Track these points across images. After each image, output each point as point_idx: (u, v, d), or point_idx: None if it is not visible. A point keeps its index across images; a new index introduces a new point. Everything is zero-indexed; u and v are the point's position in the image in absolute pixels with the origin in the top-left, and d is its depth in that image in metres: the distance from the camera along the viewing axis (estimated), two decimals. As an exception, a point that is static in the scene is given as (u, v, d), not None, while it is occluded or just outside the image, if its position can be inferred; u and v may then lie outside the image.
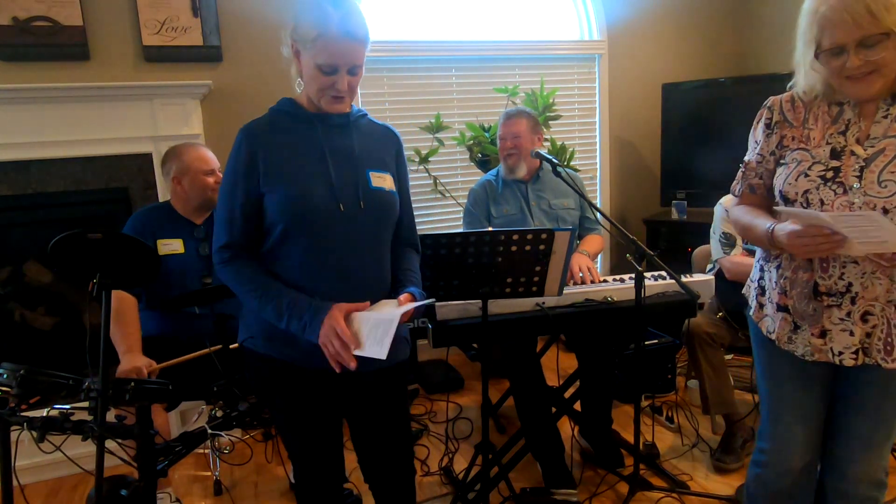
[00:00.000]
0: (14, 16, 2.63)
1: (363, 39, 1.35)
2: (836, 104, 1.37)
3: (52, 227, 2.72)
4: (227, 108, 3.07)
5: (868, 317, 1.33)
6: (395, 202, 1.50)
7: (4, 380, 1.59)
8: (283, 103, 1.48)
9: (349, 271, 1.41)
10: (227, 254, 1.42)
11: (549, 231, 1.84)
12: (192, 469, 2.67)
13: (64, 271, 1.56)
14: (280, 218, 1.38)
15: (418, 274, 1.57)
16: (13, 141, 2.62)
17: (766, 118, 1.46)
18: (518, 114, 2.54)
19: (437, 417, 3.02)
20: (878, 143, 1.30)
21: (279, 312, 1.36)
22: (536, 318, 2.01)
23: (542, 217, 2.56)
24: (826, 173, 1.33)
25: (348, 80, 1.37)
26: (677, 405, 2.95)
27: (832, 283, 1.34)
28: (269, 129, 1.43)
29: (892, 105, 1.31)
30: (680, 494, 2.27)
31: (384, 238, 1.49)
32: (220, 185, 2.27)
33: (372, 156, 1.49)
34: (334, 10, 1.31)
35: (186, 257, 2.28)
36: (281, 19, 3.12)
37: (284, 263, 1.41)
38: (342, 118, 1.47)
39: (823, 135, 1.36)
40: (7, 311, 2.86)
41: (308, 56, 1.35)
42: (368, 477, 1.63)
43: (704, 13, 4.08)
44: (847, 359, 1.36)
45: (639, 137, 4.08)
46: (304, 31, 1.34)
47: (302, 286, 1.40)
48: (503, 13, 3.72)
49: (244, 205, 1.40)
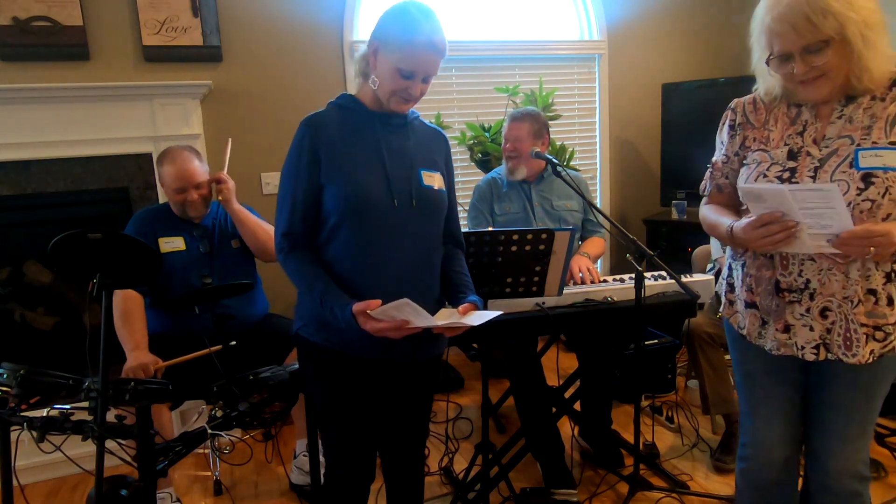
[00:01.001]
0: (14, 16, 2.63)
1: (442, 54, 1.45)
2: (794, 106, 1.41)
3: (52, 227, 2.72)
4: (227, 108, 3.07)
5: (827, 312, 1.37)
6: (444, 200, 1.56)
7: (4, 380, 1.59)
8: (344, 98, 1.53)
9: (398, 265, 1.46)
10: (286, 244, 1.48)
11: (549, 231, 1.84)
12: (192, 469, 2.67)
13: (64, 271, 1.56)
14: (335, 210, 1.44)
15: (469, 276, 1.62)
16: (13, 141, 2.62)
17: (731, 119, 1.51)
18: (522, 117, 2.52)
19: (437, 417, 3.02)
20: (833, 144, 1.34)
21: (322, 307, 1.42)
22: (536, 318, 2.01)
23: (544, 217, 2.56)
24: (783, 174, 1.37)
25: (421, 87, 1.45)
26: (677, 405, 2.95)
27: (792, 280, 1.39)
28: (330, 122, 1.48)
29: (846, 106, 1.34)
30: (680, 494, 2.27)
31: (433, 235, 1.55)
32: (194, 202, 2.29)
33: (424, 156, 1.55)
34: (425, 21, 1.40)
35: (188, 254, 2.30)
36: (281, 19, 3.13)
37: (336, 255, 1.46)
38: (400, 118, 1.53)
39: (782, 136, 1.41)
40: (7, 311, 2.86)
41: (389, 58, 1.41)
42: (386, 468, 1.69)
43: (705, 13, 4.08)
44: (808, 353, 1.40)
45: (639, 137, 4.08)
46: (392, 34, 1.41)
47: (351, 278, 1.45)
48: (503, 13, 3.73)
49: (305, 194, 1.46)
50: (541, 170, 2.59)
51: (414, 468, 1.71)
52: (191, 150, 2.34)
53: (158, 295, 2.29)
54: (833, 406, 1.46)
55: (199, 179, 2.30)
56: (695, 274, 2.49)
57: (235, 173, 3.04)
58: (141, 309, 2.19)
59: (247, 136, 3.10)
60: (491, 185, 2.62)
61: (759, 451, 1.58)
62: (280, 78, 3.12)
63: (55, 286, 2.92)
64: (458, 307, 1.46)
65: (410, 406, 1.65)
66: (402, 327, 1.35)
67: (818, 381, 1.49)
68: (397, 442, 1.66)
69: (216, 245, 2.36)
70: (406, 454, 1.69)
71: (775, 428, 1.54)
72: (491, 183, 2.62)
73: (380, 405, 1.60)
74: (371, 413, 1.57)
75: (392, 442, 1.66)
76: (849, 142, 1.32)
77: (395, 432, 1.65)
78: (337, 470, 1.59)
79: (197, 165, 2.31)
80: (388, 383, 1.58)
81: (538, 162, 2.56)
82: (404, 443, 1.67)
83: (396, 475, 1.69)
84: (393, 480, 1.70)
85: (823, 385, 1.48)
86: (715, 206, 1.56)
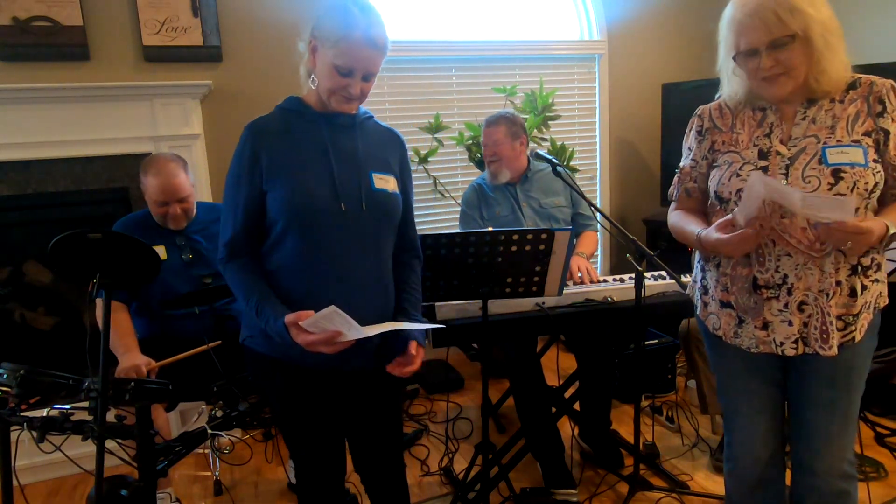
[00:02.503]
0: (14, 16, 2.63)
1: (383, 49, 1.38)
2: (759, 109, 1.47)
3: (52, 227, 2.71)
4: (227, 108, 3.07)
5: (804, 306, 1.40)
6: (397, 204, 1.50)
7: (4, 380, 1.59)
8: (290, 101, 1.49)
9: (347, 272, 1.41)
10: (226, 252, 1.44)
11: (549, 231, 1.85)
12: (192, 469, 2.67)
13: (64, 271, 1.56)
14: (280, 216, 1.39)
15: (419, 290, 1.58)
16: (13, 141, 2.62)
17: (697, 125, 1.58)
18: (497, 120, 2.54)
19: (437, 417, 3.02)
20: (800, 143, 1.40)
21: (258, 317, 1.38)
22: (536, 318, 2.01)
23: (534, 217, 2.56)
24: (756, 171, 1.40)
25: (361, 85, 1.39)
26: (677, 405, 2.95)
27: (769, 276, 1.41)
28: (274, 126, 1.44)
29: (808, 108, 1.41)
30: (680, 494, 2.27)
31: (385, 240, 1.49)
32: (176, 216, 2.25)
33: (376, 158, 1.49)
34: (361, 15, 1.34)
35: (170, 264, 2.25)
36: (281, 19, 3.13)
37: (282, 263, 1.41)
38: (348, 119, 1.47)
39: (750, 137, 1.46)
40: (7, 311, 2.86)
41: (327, 55, 1.36)
42: (363, 475, 1.65)
43: (705, 13, 4.07)
44: (788, 348, 1.43)
45: (639, 137, 4.08)
46: (327, 30, 1.35)
47: (298, 286, 1.40)
48: (503, 13, 3.72)
49: (247, 202, 1.41)
50: (524, 170, 2.60)
51: (390, 471, 1.65)
52: (177, 161, 2.27)
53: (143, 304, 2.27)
54: (814, 404, 1.49)
55: (184, 193, 2.23)
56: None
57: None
58: (125, 315, 2.17)
59: (247, 136, 3.10)
60: (477, 191, 2.64)
61: (744, 449, 1.60)
62: (280, 78, 3.12)
63: (55, 286, 2.92)
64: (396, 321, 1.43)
65: (373, 416, 1.59)
66: (333, 339, 1.30)
67: (797, 379, 1.51)
68: (370, 454, 1.62)
69: (200, 252, 2.32)
70: (380, 466, 1.63)
71: (758, 426, 1.57)
72: (477, 189, 2.64)
73: (338, 414, 1.54)
74: (328, 420, 1.52)
75: (364, 454, 1.62)
76: (815, 141, 1.38)
77: (364, 444, 1.61)
78: (303, 473, 1.58)
79: (182, 179, 2.23)
80: (341, 393, 1.53)
81: (520, 163, 2.57)
82: (376, 455, 1.62)
83: (376, 489, 1.65)
84: (372, 485, 1.66)
85: (803, 382, 1.50)
86: (683, 211, 1.61)
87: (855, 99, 1.39)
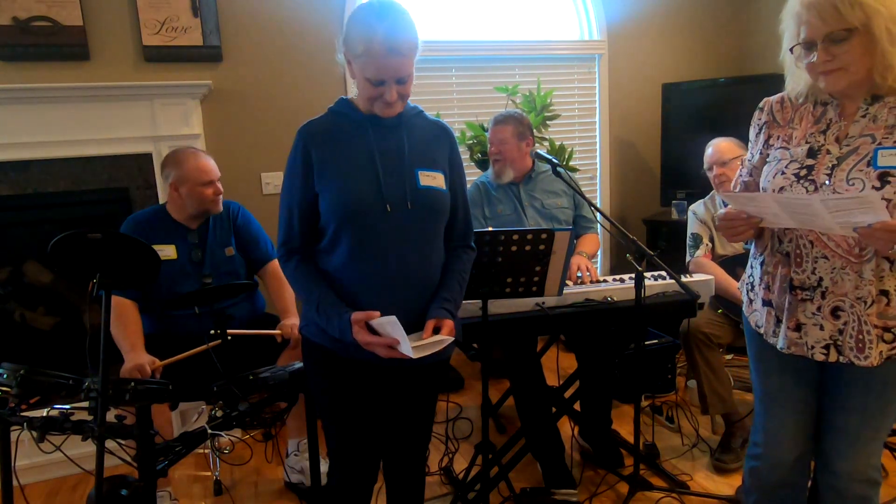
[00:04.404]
0: (14, 16, 2.63)
1: (409, 53, 1.37)
2: (821, 104, 1.41)
3: (52, 227, 2.73)
4: (227, 108, 3.06)
5: (839, 313, 1.36)
6: (444, 200, 1.52)
7: (4, 380, 1.59)
8: (339, 104, 1.52)
9: (395, 271, 1.44)
10: (283, 252, 1.50)
11: (549, 231, 1.84)
12: (192, 469, 2.67)
13: (64, 271, 1.56)
14: (332, 217, 1.43)
15: (463, 274, 1.58)
16: (13, 141, 2.62)
17: (757, 118, 1.53)
18: (505, 119, 2.53)
19: (437, 417, 3.00)
20: (854, 142, 1.33)
21: (318, 315, 1.43)
22: (536, 318, 2.01)
23: (536, 217, 2.56)
24: (800, 171, 1.38)
25: (397, 89, 1.40)
26: (677, 405, 2.95)
27: (805, 278, 1.39)
28: (324, 129, 1.47)
29: (871, 105, 1.34)
30: (680, 494, 2.27)
31: (434, 237, 1.52)
32: (218, 195, 2.28)
33: (423, 155, 1.51)
34: (379, 24, 1.32)
35: (179, 263, 2.28)
36: (281, 19, 3.13)
37: (334, 262, 1.46)
38: (394, 119, 1.49)
39: (805, 134, 1.41)
40: (7, 311, 2.86)
41: (357, 68, 1.39)
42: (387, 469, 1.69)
43: (704, 13, 4.08)
44: (818, 353, 1.40)
45: (639, 137, 4.08)
46: (351, 44, 1.37)
47: (349, 284, 1.45)
48: (503, 13, 3.72)
49: (300, 203, 1.46)
50: (528, 170, 2.60)
51: (415, 471, 1.71)
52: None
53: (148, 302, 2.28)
54: (846, 409, 1.46)
55: (218, 173, 2.34)
56: (694, 274, 2.50)
57: (236, 173, 3.05)
58: (134, 311, 2.18)
59: (247, 136, 3.10)
60: (480, 189, 2.63)
61: (770, 450, 1.57)
62: (280, 78, 3.12)
63: (55, 286, 2.92)
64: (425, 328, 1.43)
65: (413, 409, 1.64)
66: (390, 345, 1.34)
67: (833, 383, 1.48)
68: (399, 444, 1.66)
69: (209, 253, 2.34)
70: (408, 457, 1.68)
71: (788, 427, 1.54)
72: (480, 187, 2.64)
73: (382, 408, 1.59)
74: (373, 415, 1.56)
75: (394, 444, 1.66)
76: (870, 140, 1.31)
77: (397, 435, 1.65)
78: (339, 470, 1.59)
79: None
80: (389, 386, 1.57)
81: (524, 163, 2.57)
82: (406, 445, 1.67)
83: (397, 477, 1.69)
84: (393, 482, 1.70)
85: (838, 387, 1.47)
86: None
87: None
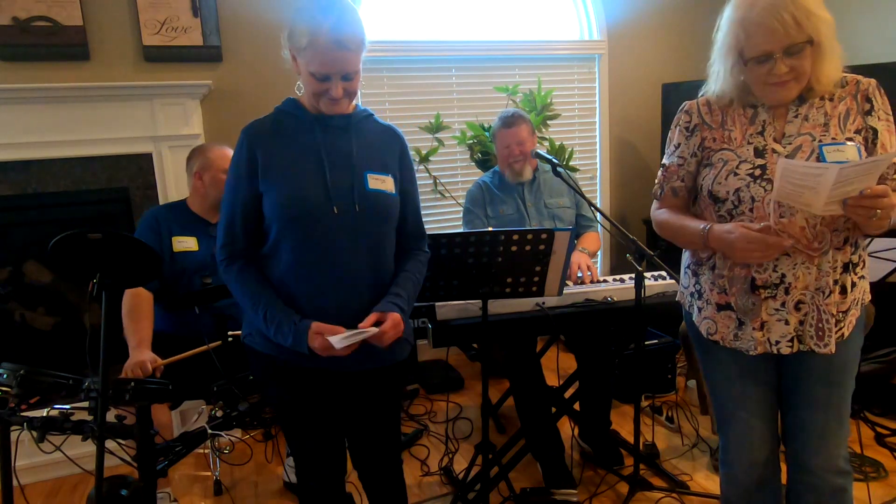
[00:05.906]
0: (14, 16, 2.63)
1: (355, 48, 1.33)
2: (749, 106, 1.44)
3: (52, 227, 2.72)
4: (227, 108, 3.07)
5: (800, 305, 1.40)
6: (393, 204, 1.49)
7: (4, 380, 1.59)
8: (286, 104, 1.48)
9: (343, 274, 1.41)
10: (225, 255, 1.44)
11: (549, 231, 1.85)
12: (192, 469, 2.67)
13: (64, 271, 1.56)
14: (275, 219, 1.39)
15: (416, 275, 1.55)
16: (13, 141, 2.62)
17: (685, 122, 1.51)
18: (516, 121, 2.54)
19: (437, 417, 3.02)
20: (795, 141, 1.38)
21: (266, 323, 1.39)
22: (536, 318, 2.01)
23: (538, 217, 2.57)
24: (754, 171, 1.39)
25: (343, 85, 1.36)
26: (677, 405, 2.95)
27: (767, 276, 1.40)
28: (270, 129, 1.44)
29: (801, 105, 1.40)
30: (680, 494, 2.27)
31: (382, 240, 1.49)
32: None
33: (372, 158, 1.48)
34: (324, 18, 1.29)
35: (200, 255, 2.28)
36: (281, 19, 3.12)
37: (279, 265, 1.42)
38: (343, 120, 1.46)
39: (744, 135, 1.43)
40: (7, 311, 2.86)
41: (302, 62, 1.36)
42: (361, 473, 1.65)
43: (705, 13, 4.07)
44: (784, 347, 1.42)
45: (639, 137, 4.08)
46: (296, 38, 1.34)
47: (294, 288, 1.41)
48: (503, 13, 3.72)
49: (244, 205, 1.42)
50: (533, 170, 2.61)
51: (390, 477, 1.66)
52: None
53: (165, 293, 2.28)
54: (809, 403, 1.49)
55: None
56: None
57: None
58: (149, 306, 2.17)
59: (247, 136, 3.10)
60: (483, 188, 2.65)
61: (741, 453, 1.58)
62: (280, 78, 3.11)
63: (55, 286, 2.92)
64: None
65: (373, 414, 1.59)
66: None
67: (792, 379, 1.51)
68: (367, 452, 1.62)
69: None
70: (379, 464, 1.64)
71: (755, 429, 1.55)
72: (483, 187, 2.65)
73: (338, 413, 1.55)
74: (329, 418, 1.52)
75: (362, 452, 1.62)
76: (810, 139, 1.37)
77: (363, 442, 1.61)
78: (305, 470, 1.58)
79: None
80: (342, 392, 1.53)
81: (534, 161, 2.59)
82: (374, 452, 1.62)
83: (374, 485, 1.66)
84: (372, 490, 1.67)
85: (798, 382, 1.50)
86: (670, 209, 1.57)
87: (844, 97, 1.38)
